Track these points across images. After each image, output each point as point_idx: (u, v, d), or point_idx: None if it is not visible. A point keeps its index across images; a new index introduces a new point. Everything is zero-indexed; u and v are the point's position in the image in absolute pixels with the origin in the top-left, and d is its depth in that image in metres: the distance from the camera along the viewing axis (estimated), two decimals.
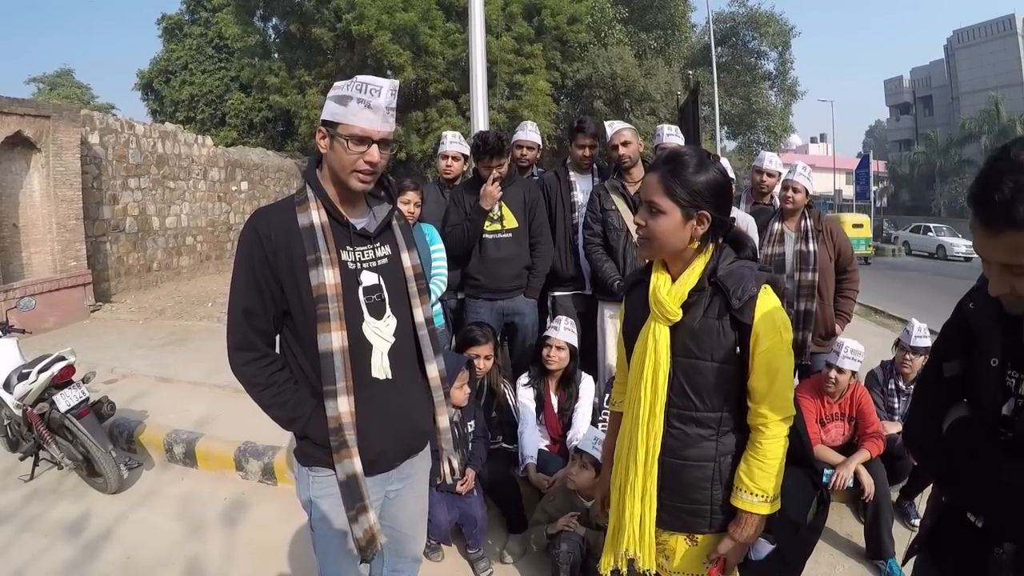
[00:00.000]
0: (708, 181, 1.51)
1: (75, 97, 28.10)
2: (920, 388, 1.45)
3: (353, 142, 1.51)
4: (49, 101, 10.64)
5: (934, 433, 1.27)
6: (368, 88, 1.51)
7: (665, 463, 1.60)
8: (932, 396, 1.33)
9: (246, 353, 1.59)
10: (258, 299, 1.56)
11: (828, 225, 3.69)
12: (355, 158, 1.53)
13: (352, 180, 1.56)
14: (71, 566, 3.00)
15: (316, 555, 1.73)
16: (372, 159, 1.54)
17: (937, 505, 1.41)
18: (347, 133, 1.51)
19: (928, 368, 1.38)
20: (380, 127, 1.54)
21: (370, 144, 1.53)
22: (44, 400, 3.57)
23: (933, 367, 1.34)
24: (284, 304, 1.58)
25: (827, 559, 3.04)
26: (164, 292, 10.32)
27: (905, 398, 3.50)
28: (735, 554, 1.63)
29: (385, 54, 13.35)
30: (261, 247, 1.55)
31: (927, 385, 1.39)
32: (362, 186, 1.58)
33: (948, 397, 1.29)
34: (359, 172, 1.55)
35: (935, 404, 1.31)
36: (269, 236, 1.55)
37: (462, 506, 2.85)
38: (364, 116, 1.51)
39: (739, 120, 20.91)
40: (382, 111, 1.53)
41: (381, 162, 1.57)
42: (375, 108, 1.52)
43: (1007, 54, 40.51)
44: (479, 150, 3.48)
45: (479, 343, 3.22)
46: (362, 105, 1.51)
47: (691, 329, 1.55)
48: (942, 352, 1.33)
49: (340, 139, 1.52)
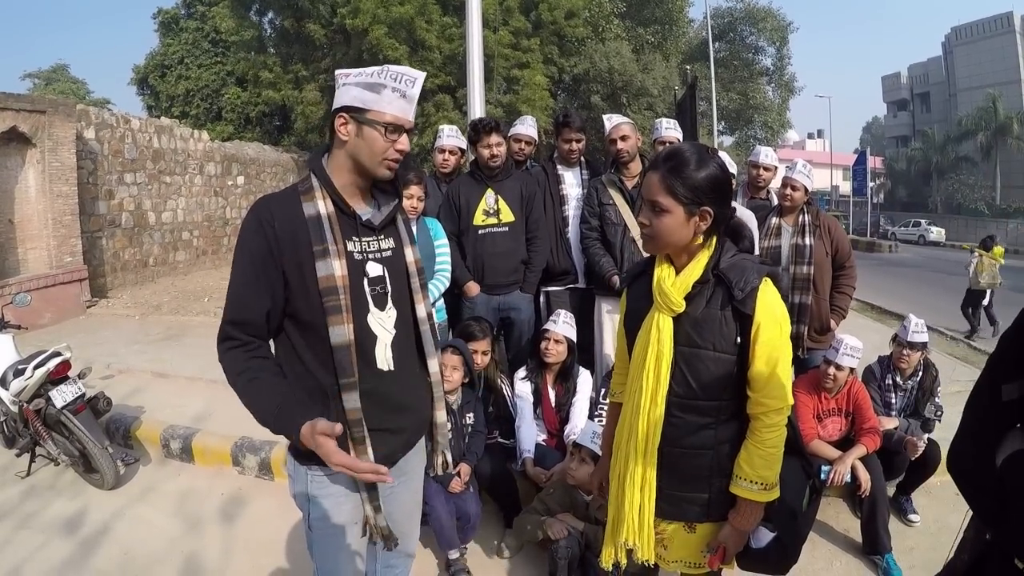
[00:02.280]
0: (709, 178, 1.52)
1: (70, 92, 28.01)
2: (972, 411, 1.26)
3: (389, 130, 1.52)
4: (45, 96, 10.57)
5: (987, 466, 1.15)
6: (403, 78, 1.52)
7: (664, 452, 1.62)
8: (986, 422, 1.20)
9: (230, 342, 1.53)
10: (254, 288, 1.52)
11: (826, 221, 3.69)
12: (388, 145, 1.53)
13: (381, 168, 1.56)
14: (68, 563, 2.99)
15: (312, 552, 1.72)
16: (404, 147, 1.55)
17: (978, 541, 1.29)
18: (381, 120, 1.51)
19: (981, 388, 1.22)
20: (410, 116, 1.56)
21: (402, 132, 1.54)
22: (40, 396, 3.56)
23: (987, 388, 1.19)
24: (286, 296, 1.53)
25: (824, 554, 3.05)
26: (160, 287, 10.30)
27: (902, 393, 3.51)
28: (734, 542, 1.66)
29: (380, 48, 13.29)
30: (264, 235, 1.50)
31: (980, 409, 1.23)
32: (389, 174, 1.58)
33: (1004, 424, 1.16)
34: (389, 160, 1.55)
35: (989, 431, 1.18)
36: (273, 225, 1.51)
37: (457, 502, 2.85)
38: (399, 105, 1.52)
39: (736, 115, 20.90)
40: (413, 102, 1.55)
41: (405, 151, 1.58)
42: (409, 99, 1.53)
43: (1005, 51, 40.49)
44: (475, 130, 3.52)
45: (476, 338, 3.21)
46: (397, 94, 1.51)
47: (694, 319, 1.57)
48: (1001, 371, 1.17)
49: (375, 126, 1.51)
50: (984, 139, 38.11)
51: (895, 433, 3.26)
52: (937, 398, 3.48)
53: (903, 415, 3.49)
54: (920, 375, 3.50)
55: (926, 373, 3.50)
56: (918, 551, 3.06)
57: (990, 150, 38.19)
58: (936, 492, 3.51)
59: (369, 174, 1.58)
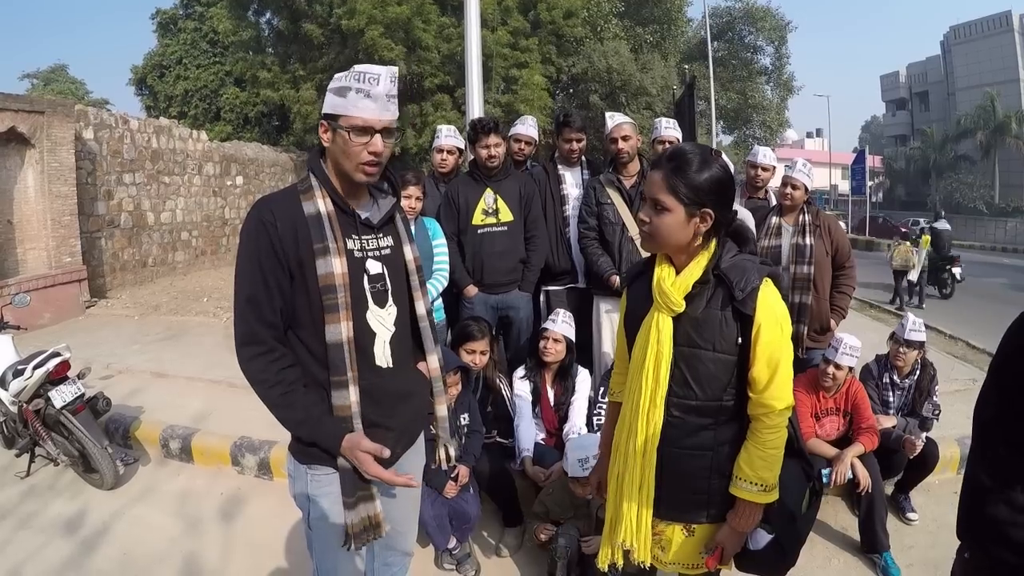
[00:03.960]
0: (711, 179, 1.52)
1: (69, 93, 27.94)
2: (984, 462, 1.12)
3: (355, 133, 1.49)
4: (43, 97, 10.57)
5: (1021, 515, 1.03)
6: (366, 77, 1.49)
7: (664, 452, 1.62)
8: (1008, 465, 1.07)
9: (253, 347, 1.52)
10: (264, 289, 1.51)
11: (826, 221, 3.69)
12: (359, 150, 1.51)
13: (357, 174, 1.55)
14: (68, 563, 2.99)
15: (311, 552, 1.73)
16: (376, 149, 1.52)
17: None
18: (348, 125, 1.49)
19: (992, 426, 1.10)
20: (381, 116, 1.52)
21: (372, 134, 1.51)
22: (40, 396, 3.56)
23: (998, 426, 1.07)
24: (291, 293, 1.54)
25: (822, 552, 3.06)
26: (159, 287, 10.29)
27: (900, 392, 3.51)
28: (732, 543, 1.66)
29: (376, 49, 13.28)
30: (267, 235, 1.51)
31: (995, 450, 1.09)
32: (367, 179, 1.56)
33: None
34: (364, 164, 1.53)
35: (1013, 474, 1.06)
36: (275, 224, 1.51)
37: (457, 503, 2.85)
38: (364, 106, 1.49)
39: (735, 115, 20.86)
40: (382, 99, 1.51)
41: (385, 151, 1.55)
42: (375, 97, 1.49)
43: (1003, 50, 40.47)
44: (474, 130, 3.52)
45: (475, 339, 3.21)
46: (361, 95, 1.49)
47: (694, 319, 1.57)
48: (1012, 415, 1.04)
49: (342, 131, 1.50)
50: (983, 138, 38.08)
51: (893, 432, 3.27)
52: (935, 397, 3.49)
53: (901, 414, 3.50)
54: (918, 374, 3.50)
55: (924, 372, 3.51)
56: (916, 549, 3.07)
57: (989, 149, 38.17)
58: (934, 490, 3.52)
59: (349, 178, 1.57)
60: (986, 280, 16.15)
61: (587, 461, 2.69)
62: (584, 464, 2.70)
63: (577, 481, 2.77)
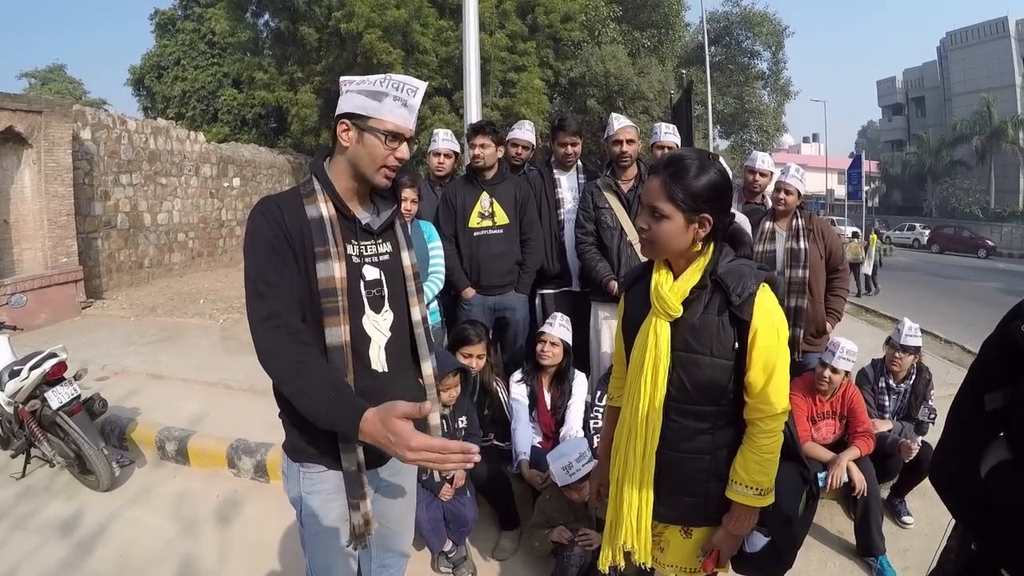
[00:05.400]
0: (709, 185, 1.53)
1: (67, 92, 27.91)
2: (954, 422, 1.24)
3: (388, 138, 1.54)
4: (41, 96, 10.55)
5: (972, 477, 1.14)
6: (405, 88, 1.55)
7: (662, 455, 1.63)
8: (969, 433, 1.18)
9: (271, 321, 1.46)
10: (276, 271, 1.49)
11: (819, 225, 3.72)
12: (387, 153, 1.55)
13: (378, 176, 1.58)
14: (64, 565, 2.98)
15: (305, 552, 1.73)
16: (403, 155, 1.58)
17: (963, 550, 1.28)
18: (381, 128, 1.53)
19: (963, 398, 1.20)
20: (410, 125, 1.58)
21: (402, 141, 1.57)
22: (36, 397, 3.55)
23: (970, 398, 1.17)
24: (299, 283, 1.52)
25: (818, 556, 3.07)
26: (156, 289, 10.26)
27: (896, 396, 3.53)
28: (729, 546, 1.67)
29: (374, 52, 13.29)
30: (278, 224, 1.51)
31: (962, 419, 1.21)
32: (386, 182, 1.61)
33: (988, 434, 1.15)
34: (387, 168, 1.58)
35: (972, 443, 1.16)
36: (282, 220, 1.52)
37: (454, 506, 2.85)
38: (400, 113, 1.54)
39: (732, 119, 20.93)
40: (414, 111, 1.57)
41: (405, 159, 1.60)
42: (410, 108, 1.55)
43: (999, 56, 40.68)
44: (472, 131, 3.56)
45: (472, 342, 3.21)
46: (399, 103, 1.54)
47: (691, 325, 1.58)
48: (983, 381, 1.15)
49: (375, 133, 1.53)
50: (979, 143, 38.29)
51: (888, 436, 3.28)
52: (930, 401, 3.51)
53: (896, 418, 3.51)
54: (913, 378, 3.52)
55: (919, 376, 3.53)
56: (912, 553, 3.07)
57: (985, 154, 38.38)
58: (930, 494, 3.48)
59: (367, 181, 1.60)
60: (981, 284, 16.21)
61: (571, 467, 2.71)
62: (570, 471, 2.71)
63: (570, 487, 2.78)
